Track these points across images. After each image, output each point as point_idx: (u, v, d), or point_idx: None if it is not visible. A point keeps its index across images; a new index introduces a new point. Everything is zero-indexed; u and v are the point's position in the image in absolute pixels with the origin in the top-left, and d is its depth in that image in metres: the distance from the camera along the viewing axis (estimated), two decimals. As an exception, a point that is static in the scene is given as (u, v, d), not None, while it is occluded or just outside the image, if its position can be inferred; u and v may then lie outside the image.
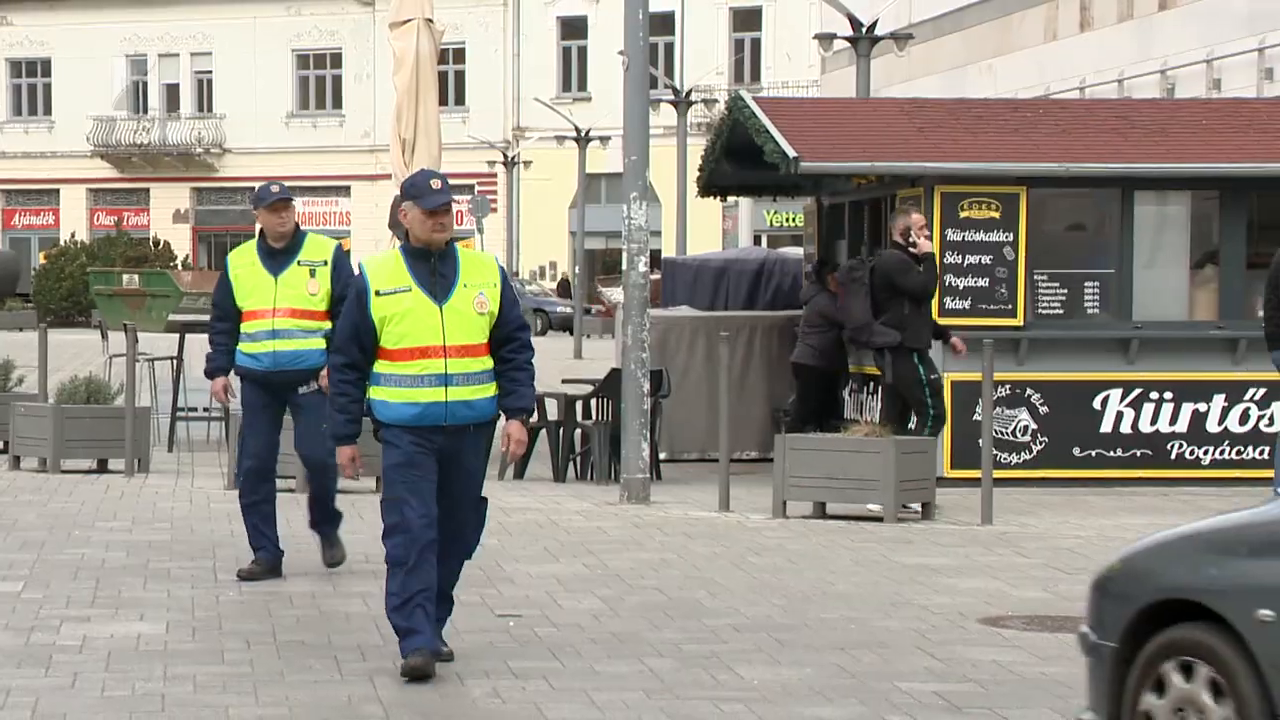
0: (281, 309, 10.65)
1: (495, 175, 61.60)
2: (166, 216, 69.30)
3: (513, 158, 59.66)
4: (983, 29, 37.34)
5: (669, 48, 57.27)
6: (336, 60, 68.15)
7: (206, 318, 20.95)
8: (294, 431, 11.04)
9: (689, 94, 46.83)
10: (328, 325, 10.59)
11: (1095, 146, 16.30)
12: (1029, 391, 16.06)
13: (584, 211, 49.63)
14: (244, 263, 10.81)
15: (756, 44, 62.21)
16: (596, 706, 8.00)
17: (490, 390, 8.43)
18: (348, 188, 67.07)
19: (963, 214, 15.89)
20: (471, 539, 8.77)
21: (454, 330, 8.31)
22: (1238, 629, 5.97)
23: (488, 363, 8.41)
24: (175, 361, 19.65)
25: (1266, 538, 6.13)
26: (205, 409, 19.80)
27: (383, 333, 8.32)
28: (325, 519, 11.27)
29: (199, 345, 20.40)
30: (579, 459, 17.12)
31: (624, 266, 15.72)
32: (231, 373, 10.96)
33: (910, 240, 14.69)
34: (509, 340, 8.45)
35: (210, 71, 69.27)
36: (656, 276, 28.01)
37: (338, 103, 68.24)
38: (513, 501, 15.11)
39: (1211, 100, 24.12)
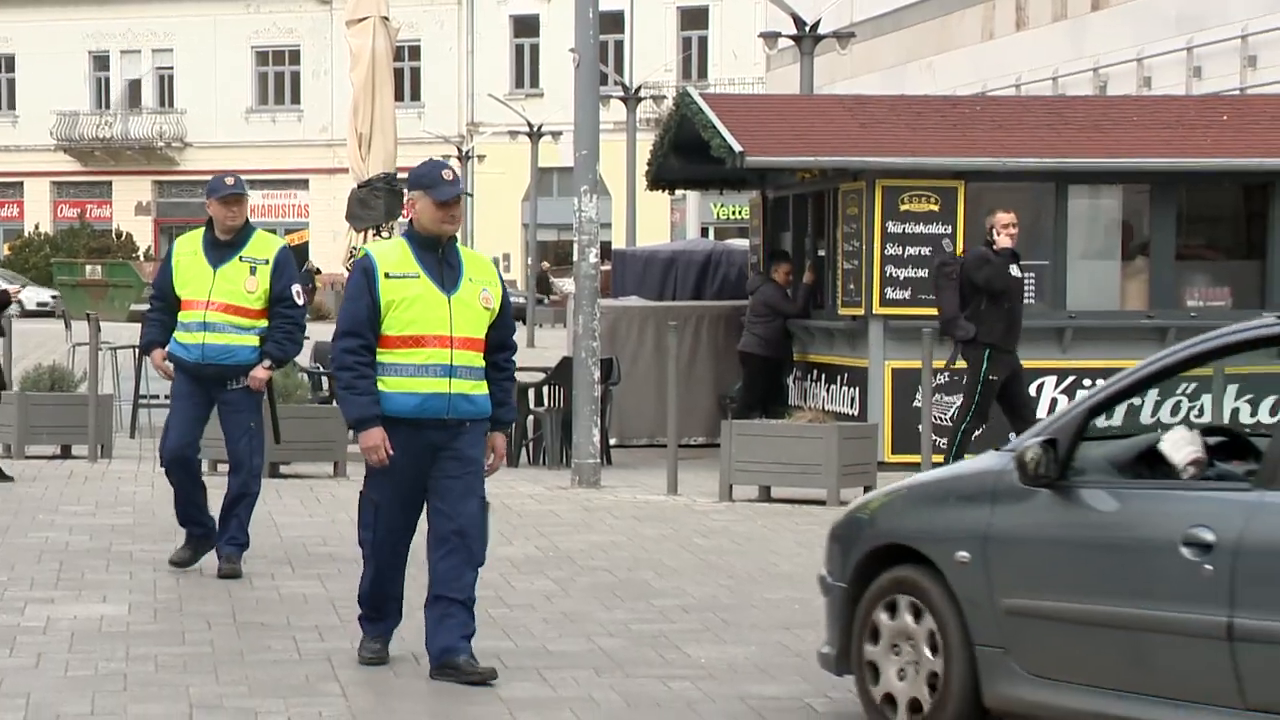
0: (215, 302, 10.22)
1: (450, 169, 61.45)
2: (129, 209, 68.97)
3: (467, 152, 59.52)
4: (922, 28, 37.45)
5: (619, 45, 57.22)
6: (295, 57, 67.92)
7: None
8: (223, 429, 10.58)
9: (638, 90, 46.81)
10: (263, 324, 10.24)
11: (1030, 142, 16.36)
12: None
13: (536, 204, 49.61)
14: (187, 250, 10.42)
15: (704, 42, 62.21)
16: (549, 684, 8.00)
17: (485, 388, 8.00)
18: (306, 181, 66.85)
19: (903, 207, 15.93)
20: (478, 543, 8.01)
21: (461, 322, 7.89)
22: (941, 569, 6.83)
23: (483, 360, 8.02)
24: (137, 350, 19.54)
25: (963, 490, 6.99)
26: (167, 396, 19.70)
27: (386, 317, 7.85)
28: (241, 529, 10.53)
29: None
30: (531, 444, 17.12)
31: (575, 258, 15.71)
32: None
33: (991, 239, 14.43)
34: (504, 346, 8.08)
35: (171, 68, 68.96)
36: (607, 267, 28.03)
37: (296, 98, 67.99)
38: (467, 486, 15.11)
39: (1142, 97, 24.24)
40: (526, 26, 64.64)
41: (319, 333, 27.11)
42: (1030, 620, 6.68)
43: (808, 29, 27.15)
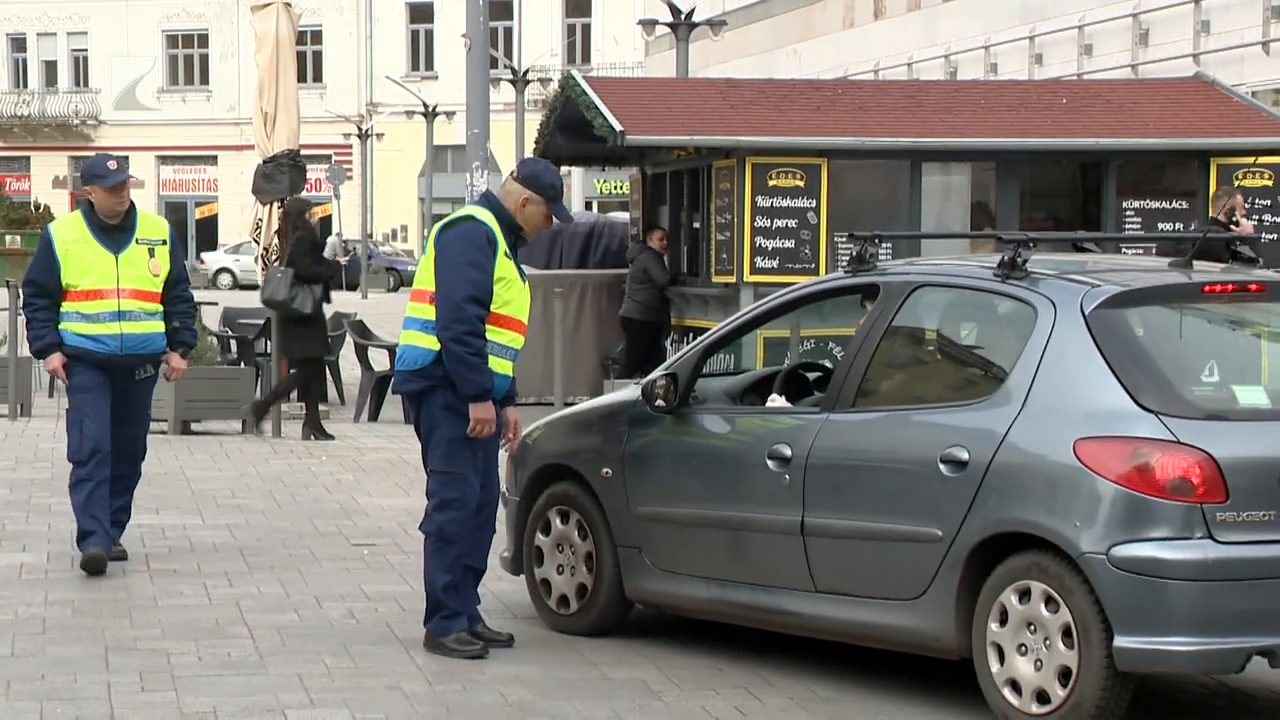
0: (126, 289, 8.98)
1: (350, 146, 60.97)
2: (46, 182, 67.98)
3: (366, 130, 59.11)
4: (789, 17, 37.54)
5: (508, 31, 56.99)
6: (204, 40, 67.20)
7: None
8: (116, 418, 9.14)
9: (526, 74, 46.65)
10: (161, 308, 9.12)
11: (887, 123, 16.45)
12: (831, 345, 16.19)
13: (432, 180, 49.42)
14: (73, 238, 9.01)
15: (587, 29, 62.08)
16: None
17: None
18: (215, 157, 66.15)
19: (771, 182, 15.98)
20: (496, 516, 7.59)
21: (527, 309, 7.41)
22: (590, 483, 7.58)
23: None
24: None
25: (607, 416, 7.67)
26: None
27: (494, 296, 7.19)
28: (126, 513, 9.47)
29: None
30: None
31: (467, 229, 15.61)
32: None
33: (1233, 219, 14.36)
34: None
35: (86, 49, 68.02)
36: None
37: (205, 79, 67.25)
38: (367, 442, 15.03)
39: (989, 82, 24.43)
40: (421, 13, 64.24)
41: (228, 299, 26.73)
42: (658, 524, 7.40)
43: (683, 17, 27.16)
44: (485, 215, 7.31)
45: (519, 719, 6.49)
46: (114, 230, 9.03)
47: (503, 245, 7.25)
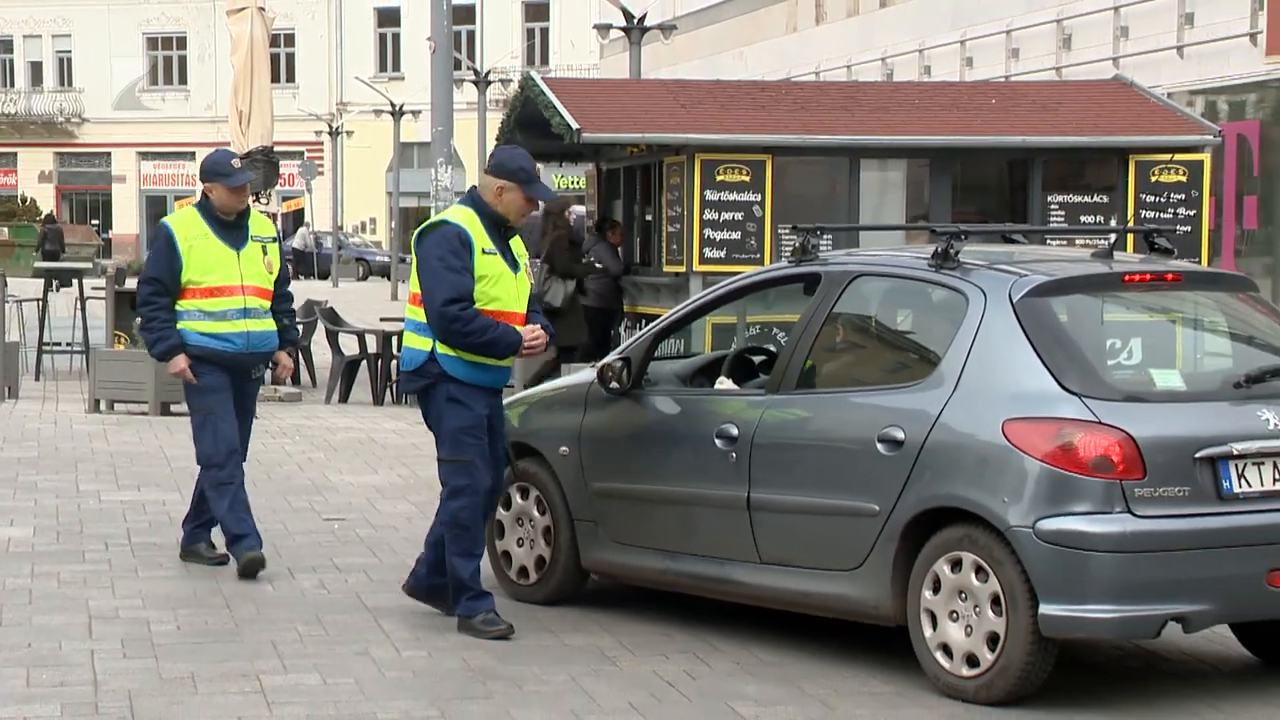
0: (249, 287, 8.37)
1: (321, 143, 60.69)
2: (32, 177, 67.43)
3: (336, 128, 58.83)
4: (735, 22, 37.54)
5: (470, 35, 56.80)
6: (182, 42, 66.77)
7: (69, 265, 20.54)
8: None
9: (487, 75, 46.51)
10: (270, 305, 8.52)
11: (828, 121, 16.46)
12: (775, 330, 16.20)
13: (399, 175, 49.25)
14: (195, 234, 8.36)
15: (545, 32, 61.93)
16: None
17: None
18: (193, 153, 65.54)
19: (719, 177, 15.97)
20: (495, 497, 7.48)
21: (524, 300, 7.26)
22: (549, 460, 7.58)
23: None
24: (41, 303, 19.16)
25: (566, 398, 7.64)
26: (68, 344, 19.38)
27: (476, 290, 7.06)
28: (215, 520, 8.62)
29: (62, 288, 20.00)
30: (394, 385, 17.00)
31: (432, 221, 15.61)
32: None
33: None
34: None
35: (69, 51, 67.49)
36: (460, 230, 27.84)
37: (183, 79, 66.82)
38: (337, 422, 14.98)
39: (923, 84, 24.48)
40: (389, 17, 64.00)
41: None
42: (613, 499, 7.40)
43: (636, 21, 27.12)
44: (461, 215, 7.13)
45: (481, 683, 6.47)
46: (232, 227, 8.43)
47: (481, 242, 7.05)
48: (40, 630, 7.19)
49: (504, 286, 7.13)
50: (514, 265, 7.21)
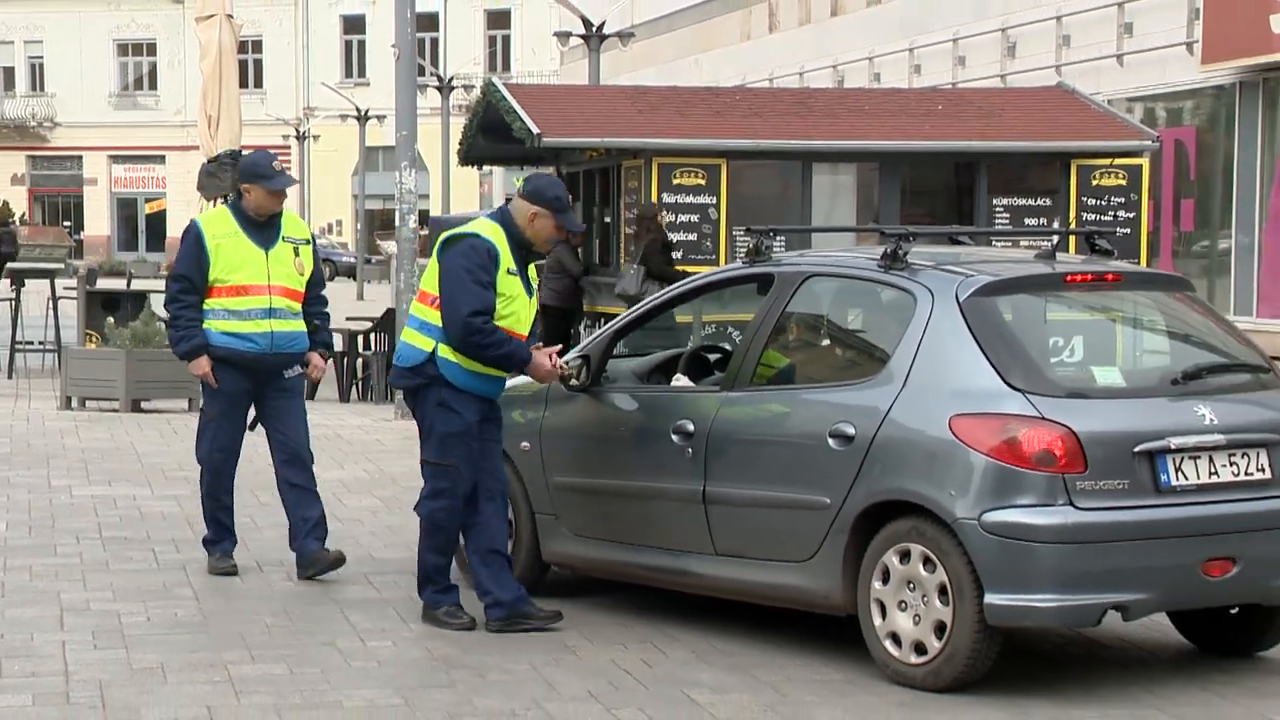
0: (277, 287, 8.03)
1: (289, 147, 60.43)
2: (5, 180, 66.84)
3: (304, 132, 58.62)
4: (691, 29, 37.57)
5: (434, 42, 56.64)
6: (152, 49, 66.39)
7: (41, 265, 20.38)
8: (270, 420, 8.21)
9: (450, 80, 46.41)
10: (302, 308, 8.17)
11: (781, 127, 16.49)
12: (730, 329, 16.21)
13: (364, 178, 49.10)
14: (224, 232, 8.04)
15: (507, 40, 61.84)
16: (374, 588, 7.95)
17: None
18: (163, 157, 65.41)
19: (675, 181, 15.98)
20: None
21: (529, 323, 7.15)
22: (510, 456, 7.49)
23: None
24: (13, 302, 19.02)
25: (528, 394, 7.56)
26: (41, 342, 19.25)
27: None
28: (321, 524, 8.20)
29: (35, 288, 19.83)
30: (360, 383, 16.96)
31: (397, 224, 15.63)
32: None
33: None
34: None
35: (42, 57, 67.01)
36: (425, 232, 27.79)
37: (153, 85, 66.45)
38: (304, 418, 14.92)
39: (873, 90, 24.54)
40: (354, 25, 63.79)
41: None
42: (573, 493, 7.39)
43: (595, 29, 27.11)
44: (491, 231, 7.01)
45: (445, 672, 6.46)
46: (263, 227, 8.06)
47: (506, 262, 6.98)
48: (12, 623, 7.14)
49: (518, 307, 7.06)
50: (529, 290, 7.12)
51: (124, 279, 23.78)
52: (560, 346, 7.46)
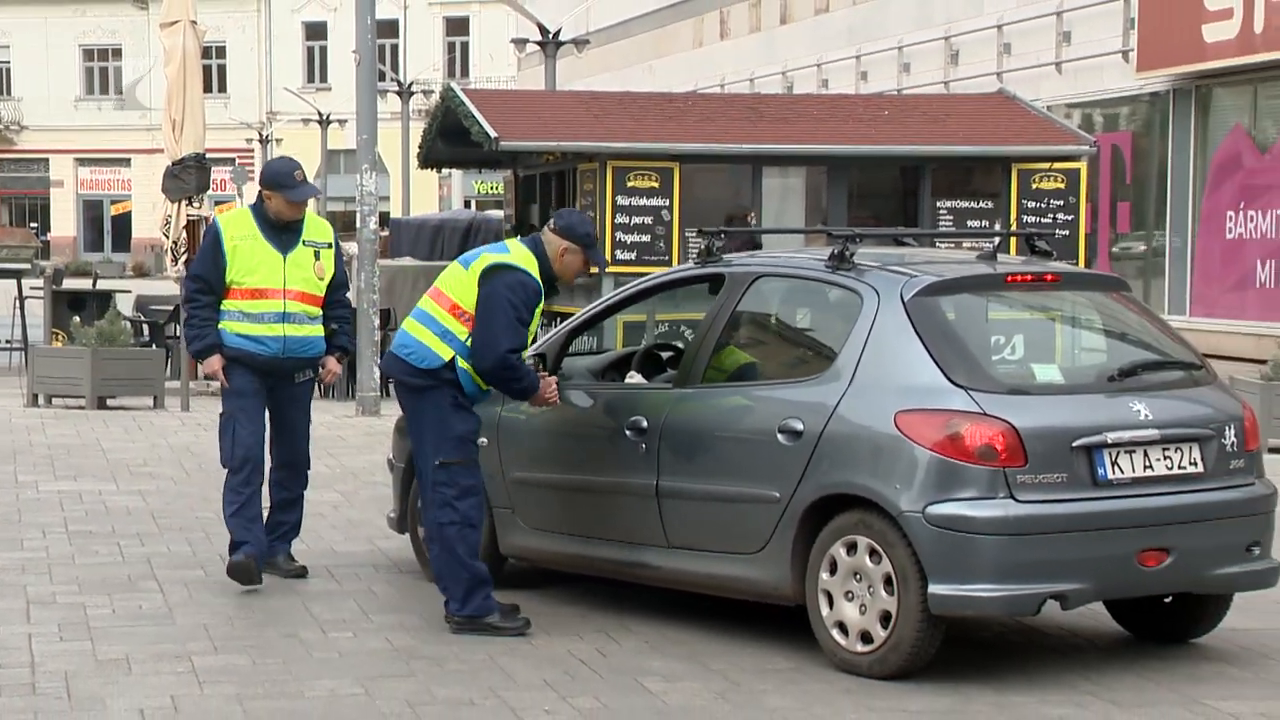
0: (292, 291, 7.79)
1: (253, 150, 60.16)
2: (-27, 182, 66.46)
3: (267, 136, 58.36)
4: (645, 37, 37.57)
5: (394, 48, 56.45)
6: (117, 54, 65.94)
7: (9, 266, 20.21)
8: (279, 424, 8.04)
9: (410, 86, 46.28)
10: (321, 312, 7.93)
11: (732, 131, 16.50)
12: (683, 327, 16.20)
13: (326, 180, 48.90)
14: (243, 234, 7.81)
15: (465, 46, 61.68)
16: (335, 580, 7.91)
17: None
18: (128, 159, 64.97)
19: (629, 183, 15.98)
20: None
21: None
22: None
23: None
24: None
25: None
26: (8, 341, 19.09)
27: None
28: (295, 529, 8.12)
29: (2, 288, 19.65)
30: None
31: (358, 225, 15.56)
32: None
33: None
34: None
35: (9, 61, 66.45)
36: (385, 233, 27.68)
37: (119, 89, 66.02)
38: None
39: (821, 96, 24.60)
40: (316, 31, 63.52)
41: (141, 287, 26.41)
42: (530, 488, 7.37)
43: (551, 36, 27.08)
44: (531, 267, 6.89)
45: (404, 662, 6.43)
46: (283, 230, 7.83)
47: (542, 302, 6.94)
48: (-20, 616, 7.07)
49: (530, 339, 7.03)
50: (539, 321, 7.06)
51: (90, 279, 23.61)
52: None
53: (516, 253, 6.95)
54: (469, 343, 6.84)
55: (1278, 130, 19.88)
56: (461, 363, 6.89)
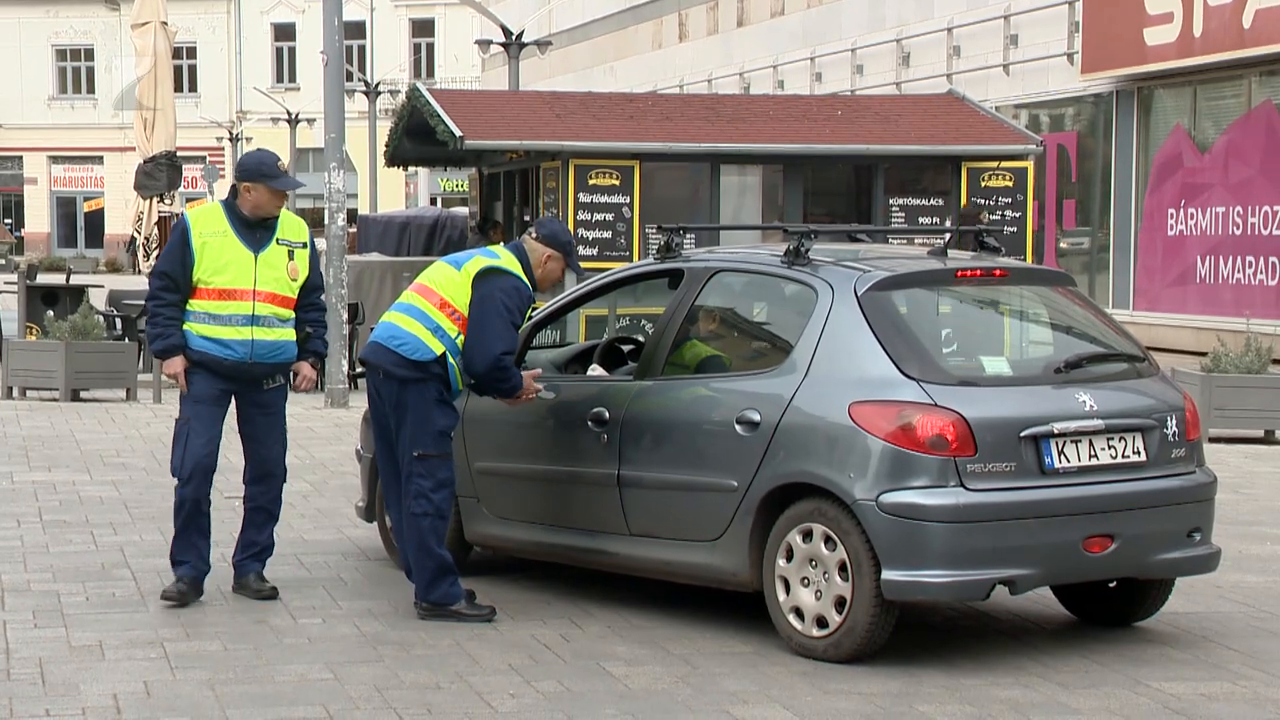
0: (263, 293, 7.14)
1: (223, 149, 59.85)
2: (-52, 179, 65.90)
3: (237, 134, 58.06)
4: (606, 38, 37.53)
5: (361, 49, 56.24)
6: (90, 54, 65.47)
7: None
8: (246, 435, 7.41)
9: (377, 86, 46.12)
10: (293, 315, 7.30)
11: (690, 130, 16.50)
12: (643, 321, 16.23)
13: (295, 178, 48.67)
14: (212, 231, 7.15)
15: (431, 47, 61.50)
16: (305, 567, 7.88)
17: None
18: (101, 157, 64.55)
19: (591, 181, 15.96)
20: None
21: None
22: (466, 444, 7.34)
23: None
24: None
25: None
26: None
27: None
28: (268, 549, 7.45)
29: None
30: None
31: (326, 222, 15.49)
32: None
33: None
34: None
35: (-18, 60, 65.95)
36: (353, 230, 27.56)
37: (91, 88, 65.53)
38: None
39: (777, 96, 24.62)
40: (285, 32, 63.22)
41: (113, 282, 26.22)
42: (494, 477, 7.35)
43: (514, 38, 27.01)
44: (520, 272, 6.88)
45: (372, 647, 6.41)
46: (256, 227, 7.17)
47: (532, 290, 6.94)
48: (-45, 604, 7.01)
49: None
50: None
51: (63, 274, 23.42)
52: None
53: (506, 258, 6.96)
54: (459, 340, 6.83)
55: (1217, 131, 20.02)
56: (451, 359, 6.87)
